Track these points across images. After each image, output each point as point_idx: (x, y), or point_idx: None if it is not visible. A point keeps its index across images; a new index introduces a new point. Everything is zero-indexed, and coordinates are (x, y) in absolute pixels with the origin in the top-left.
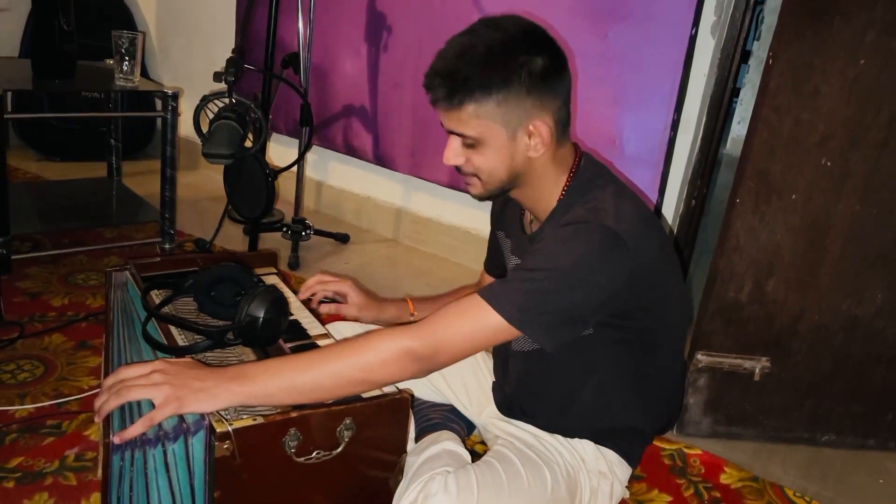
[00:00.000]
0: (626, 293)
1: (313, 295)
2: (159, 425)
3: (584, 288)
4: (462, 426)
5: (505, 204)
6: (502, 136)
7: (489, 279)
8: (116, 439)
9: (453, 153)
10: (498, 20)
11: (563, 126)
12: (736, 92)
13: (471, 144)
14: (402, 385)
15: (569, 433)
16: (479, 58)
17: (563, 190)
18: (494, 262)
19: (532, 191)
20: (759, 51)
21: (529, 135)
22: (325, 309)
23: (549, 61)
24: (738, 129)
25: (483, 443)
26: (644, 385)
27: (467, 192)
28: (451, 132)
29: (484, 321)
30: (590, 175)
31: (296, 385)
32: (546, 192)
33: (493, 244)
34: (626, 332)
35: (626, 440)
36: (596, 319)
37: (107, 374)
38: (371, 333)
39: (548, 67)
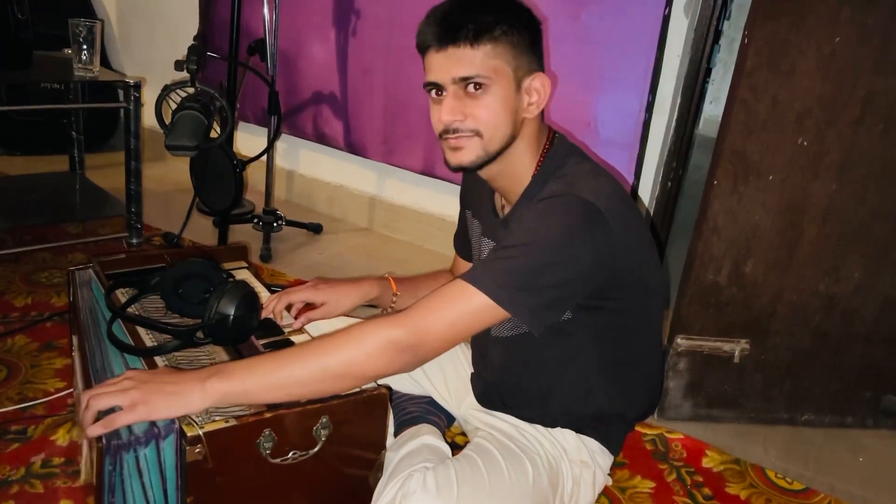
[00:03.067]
0: (607, 271)
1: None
2: (130, 430)
3: (567, 263)
4: (442, 418)
5: (474, 182)
6: (510, 83)
7: (461, 261)
8: (89, 433)
9: (453, 105)
10: None
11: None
12: (708, 72)
13: (477, 86)
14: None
15: (549, 422)
16: (500, 3)
17: (537, 168)
18: (463, 241)
19: (507, 167)
20: (730, 30)
21: (529, 91)
22: (301, 322)
23: (539, 33)
24: (711, 108)
25: (464, 434)
26: (623, 371)
27: (442, 179)
28: (455, 80)
29: (469, 303)
30: (563, 153)
31: (275, 381)
32: (520, 169)
33: (463, 222)
34: (604, 317)
35: (607, 427)
36: (579, 297)
37: (85, 380)
38: (353, 326)
39: (539, 32)
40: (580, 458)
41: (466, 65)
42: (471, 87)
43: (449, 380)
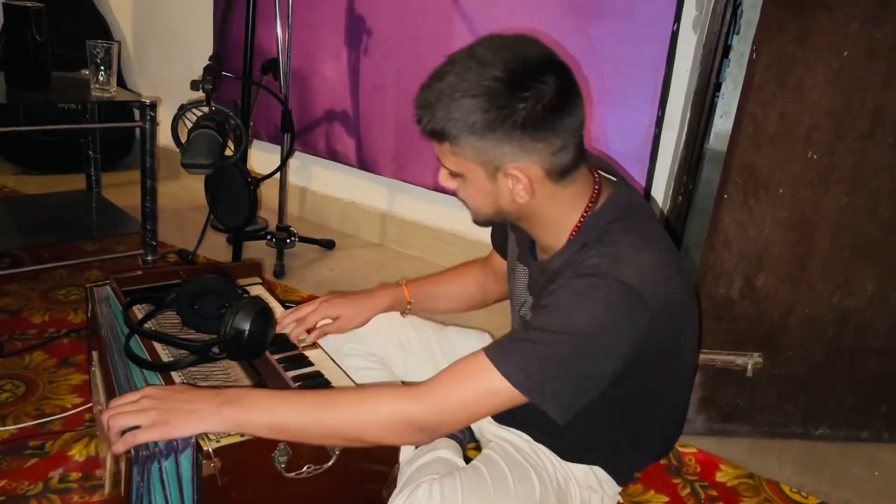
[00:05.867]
0: (640, 352)
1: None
2: (155, 442)
3: (600, 355)
4: (463, 432)
5: None
6: (481, 176)
7: (496, 257)
8: (114, 449)
9: (443, 178)
10: (492, 49)
11: (559, 170)
12: (717, 86)
13: (452, 174)
14: None
15: (559, 455)
16: (458, 98)
17: (576, 228)
18: (500, 238)
19: (534, 228)
20: (740, 45)
21: (512, 179)
22: (314, 336)
23: (540, 107)
24: (721, 123)
25: (477, 448)
26: (642, 432)
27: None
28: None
29: (490, 386)
30: (610, 216)
31: (286, 428)
32: (552, 231)
33: (501, 231)
34: (626, 385)
35: (618, 464)
36: (607, 383)
37: (109, 394)
38: (374, 389)
39: (536, 114)
40: (588, 484)
41: (440, 154)
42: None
43: None
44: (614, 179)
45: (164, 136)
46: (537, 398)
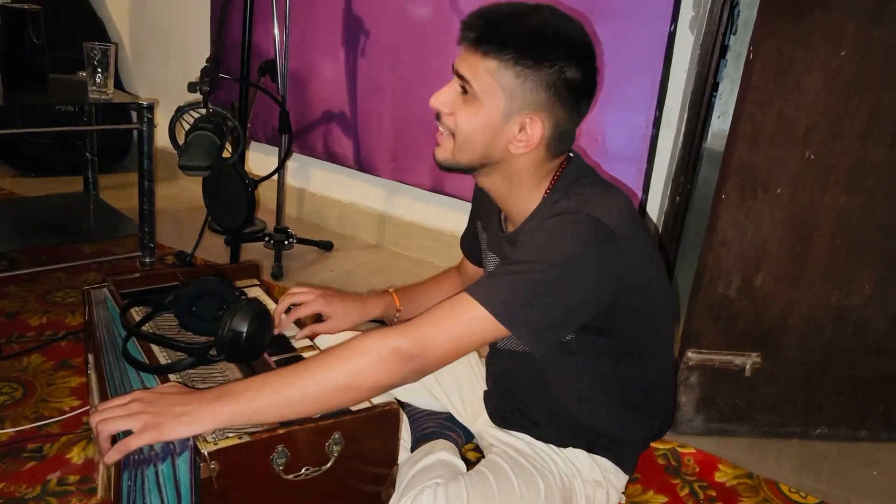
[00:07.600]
0: (613, 293)
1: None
2: (151, 445)
3: (573, 283)
4: (460, 434)
5: (484, 195)
6: (499, 109)
7: (467, 263)
8: (106, 459)
9: (446, 95)
10: (566, 14)
11: (559, 141)
12: (715, 86)
13: (467, 93)
14: (401, 394)
15: (560, 442)
16: (530, 28)
17: (547, 191)
18: (471, 245)
19: (506, 187)
20: (737, 45)
21: (521, 126)
22: (305, 333)
23: (582, 81)
24: (719, 123)
25: (476, 450)
26: (630, 392)
27: (452, 196)
28: (457, 74)
29: (470, 316)
30: (576, 175)
31: (283, 399)
32: (521, 194)
33: (472, 228)
34: (609, 339)
35: (619, 448)
36: (583, 319)
37: (102, 397)
38: (356, 337)
39: (577, 84)
40: (593, 478)
41: (467, 67)
42: (465, 89)
43: (465, 396)
44: (572, 155)
45: (162, 138)
46: (512, 325)
